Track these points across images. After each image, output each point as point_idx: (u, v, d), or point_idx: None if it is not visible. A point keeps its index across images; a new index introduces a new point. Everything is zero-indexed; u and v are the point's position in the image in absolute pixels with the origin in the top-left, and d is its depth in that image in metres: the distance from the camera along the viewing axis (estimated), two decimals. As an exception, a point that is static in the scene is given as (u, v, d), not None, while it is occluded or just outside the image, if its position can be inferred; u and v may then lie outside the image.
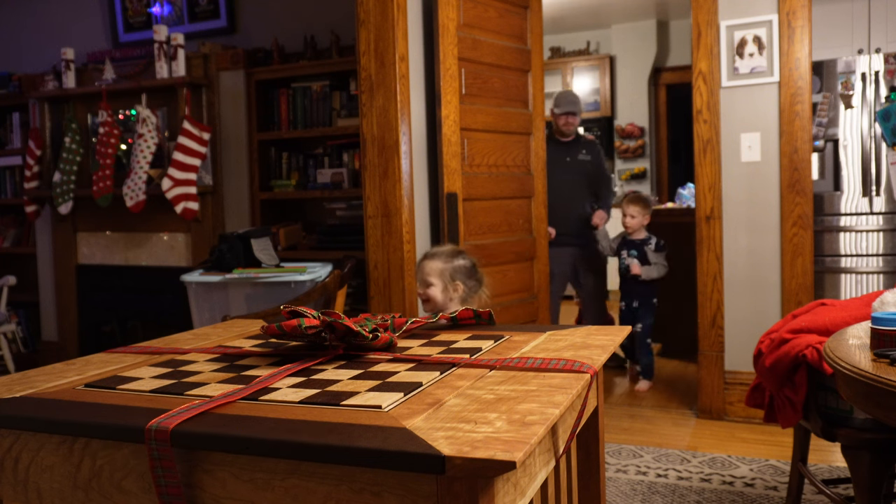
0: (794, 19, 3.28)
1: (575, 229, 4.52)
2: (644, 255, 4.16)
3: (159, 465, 0.96)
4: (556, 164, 4.40)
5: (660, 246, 4.17)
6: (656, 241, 4.17)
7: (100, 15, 5.12)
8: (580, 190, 4.53)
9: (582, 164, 4.56)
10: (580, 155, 4.57)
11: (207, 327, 1.76)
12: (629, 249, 4.22)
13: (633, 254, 4.19)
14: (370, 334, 1.32)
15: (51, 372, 1.33)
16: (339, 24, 4.32)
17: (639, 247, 4.19)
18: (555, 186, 4.33)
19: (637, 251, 4.18)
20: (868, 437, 1.88)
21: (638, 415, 3.63)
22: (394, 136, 3.26)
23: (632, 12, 7.22)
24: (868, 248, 4.13)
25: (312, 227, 4.50)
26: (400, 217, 3.28)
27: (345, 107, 4.25)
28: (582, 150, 4.56)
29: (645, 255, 4.16)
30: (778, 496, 2.56)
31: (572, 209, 4.51)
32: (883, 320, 1.51)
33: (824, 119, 4.14)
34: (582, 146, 4.59)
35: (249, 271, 3.55)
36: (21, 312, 5.18)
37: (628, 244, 4.24)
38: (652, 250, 4.15)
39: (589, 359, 1.25)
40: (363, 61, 3.30)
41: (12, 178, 5.25)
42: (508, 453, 0.81)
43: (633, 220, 4.20)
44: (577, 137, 4.58)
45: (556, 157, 4.41)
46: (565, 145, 4.54)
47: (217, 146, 4.53)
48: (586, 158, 4.56)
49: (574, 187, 4.50)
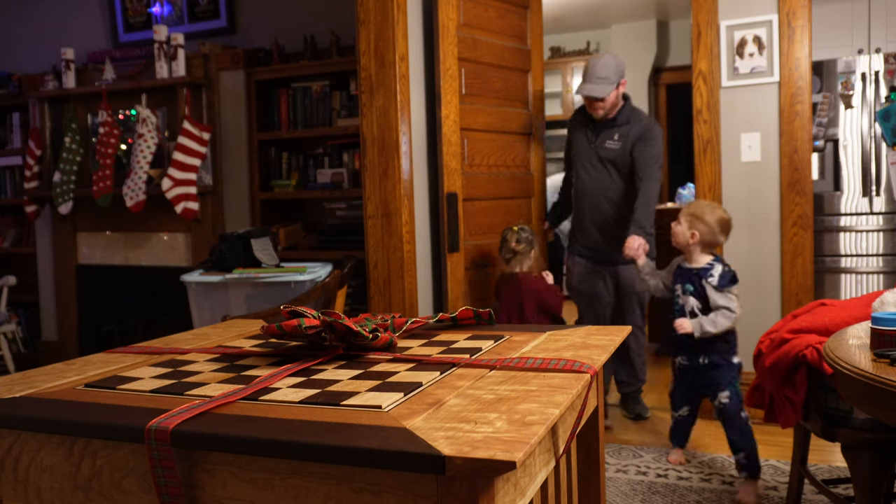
0: (794, 19, 3.28)
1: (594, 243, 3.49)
2: (702, 294, 2.71)
3: (159, 465, 0.96)
4: (579, 153, 3.52)
5: (726, 278, 2.67)
6: (722, 269, 2.69)
7: (100, 15, 5.12)
8: (602, 190, 3.43)
9: (608, 155, 3.40)
10: (609, 142, 3.40)
11: (207, 327, 1.76)
12: (683, 282, 2.77)
13: (688, 289, 2.75)
14: (370, 334, 1.32)
15: (51, 372, 1.33)
16: (339, 24, 4.32)
17: (695, 279, 2.73)
18: (576, 184, 3.55)
19: (693, 286, 2.73)
20: (868, 437, 1.88)
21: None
22: (394, 136, 3.26)
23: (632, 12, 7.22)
24: (868, 248, 4.13)
25: (312, 227, 4.50)
26: (400, 217, 3.28)
27: (345, 107, 4.25)
28: (613, 135, 3.40)
29: (703, 294, 2.71)
30: (778, 496, 2.56)
31: (589, 216, 3.48)
32: (883, 320, 1.51)
33: (824, 119, 4.14)
34: (617, 128, 3.39)
35: (249, 271, 3.55)
36: (21, 312, 5.18)
37: (683, 274, 2.79)
38: (713, 286, 2.67)
39: (589, 359, 1.25)
40: (363, 61, 3.30)
41: (12, 178, 5.25)
42: (508, 453, 0.81)
43: (678, 226, 2.78)
44: (617, 116, 3.40)
45: (580, 143, 3.51)
46: (595, 126, 3.45)
47: (217, 146, 4.53)
48: (615, 146, 3.39)
49: (594, 186, 3.45)
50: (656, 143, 3.36)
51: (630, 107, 3.43)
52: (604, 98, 3.31)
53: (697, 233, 2.72)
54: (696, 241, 2.72)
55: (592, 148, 3.46)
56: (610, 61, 3.33)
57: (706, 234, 2.71)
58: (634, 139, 3.35)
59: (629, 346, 3.55)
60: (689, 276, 2.75)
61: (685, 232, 2.74)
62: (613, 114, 3.40)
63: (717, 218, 2.72)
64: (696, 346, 2.71)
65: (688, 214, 2.75)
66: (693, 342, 2.70)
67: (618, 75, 3.33)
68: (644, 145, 3.34)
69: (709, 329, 2.64)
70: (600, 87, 3.30)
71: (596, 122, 3.44)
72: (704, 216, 2.72)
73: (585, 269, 3.56)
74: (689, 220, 2.73)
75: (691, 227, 2.72)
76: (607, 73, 3.31)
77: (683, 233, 2.75)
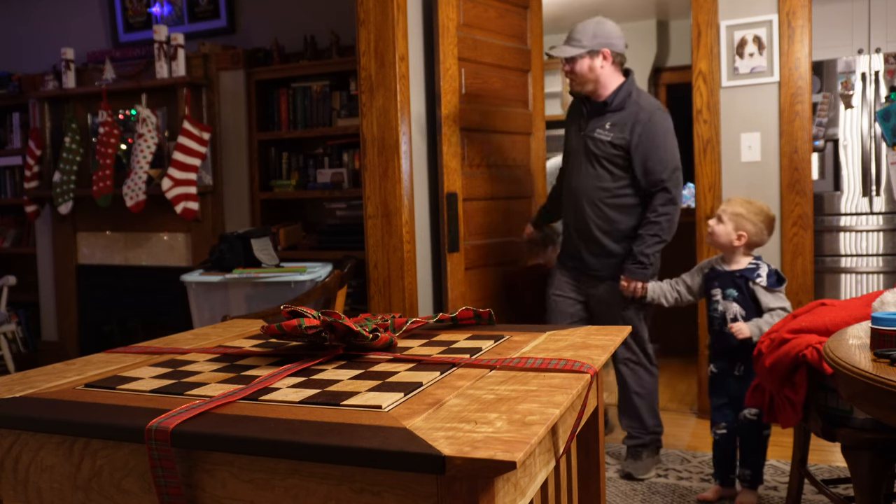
0: (794, 19, 3.28)
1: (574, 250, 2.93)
2: (749, 297, 2.51)
3: (159, 465, 0.96)
4: (568, 144, 3.02)
5: (774, 277, 2.50)
6: (768, 268, 2.52)
7: (100, 15, 5.12)
8: (586, 190, 2.84)
9: (595, 148, 2.80)
10: (598, 131, 2.79)
11: (207, 327, 1.76)
12: (724, 287, 2.55)
13: (730, 294, 2.53)
14: (370, 334, 1.32)
15: (51, 372, 1.33)
16: (339, 24, 4.32)
17: (739, 282, 2.53)
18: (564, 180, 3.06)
19: (737, 290, 2.52)
20: (868, 437, 1.88)
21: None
22: (394, 136, 3.26)
23: (632, 12, 7.22)
24: (868, 248, 4.13)
25: (312, 227, 4.50)
26: (400, 217, 3.28)
27: (345, 107, 4.25)
28: (605, 124, 2.79)
29: (751, 297, 2.51)
30: (778, 496, 2.56)
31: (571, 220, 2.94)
32: (883, 320, 1.51)
33: (824, 119, 4.14)
34: (609, 115, 2.79)
35: (249, 271, 3.54)
36: (21, 312, 5.18)
37: (721, 277, 2.57)
38: (763, 287, 2.49)
39: (589, 359, 1.24)
40: (363, 61, 3.30)
41: (12, 178, 5.25)
42: (509, 453, 0.81)
43: (720, 225, 2.55)
44: (610, 100, 2.79)
45: (571, 133, 3.00)
46: (588, 111, 2.87)
47: (217, 146, 4.53)
48: (604, 137, 2.77)
49: (577, 184, 2.87)
50: (666, 141, 2.73)
51: (628, 89, 2.80)
52: (569, 60, 2.78)
53: (745, 233, 2.50)
54: (744, 242, 2.50)
55: (581, 138, 2.87)
56: (589, 24, 2.82)
57: (754, 234, 2.50)
58: (633, 133, 2.73)
59: (628, 385, 2.91)
60: (732, 279, 2.53)
61: (730, 233, 2.51)
62: (605, 95, 2.79)
63: (764, 216, 2.52)
64: (738, 352, 2.49)
65: (733, 213, 2.51)
66: (735, 348, 2.49)
67: (594, 41, 2.76)
68: (649, 145, 2.71)
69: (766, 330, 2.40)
70: (565, 48, 2.80)
71: (589, 108, 2.86)
72: (752, 215, 2.50)
73: (563, 282, 2.99)
74: (736, 219, 2.50)
75: (738, 228, 2.50)
76: (581, 35, 2.78)
77: (728, 233, 2.51)
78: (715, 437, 2.60)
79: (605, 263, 2.84)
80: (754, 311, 2.50)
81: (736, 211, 2.52)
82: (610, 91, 2.79)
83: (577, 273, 2.94)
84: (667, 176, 2.71)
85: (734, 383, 2.54)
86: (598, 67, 2.77)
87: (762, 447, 2.54)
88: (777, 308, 2.47)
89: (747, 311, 2.51)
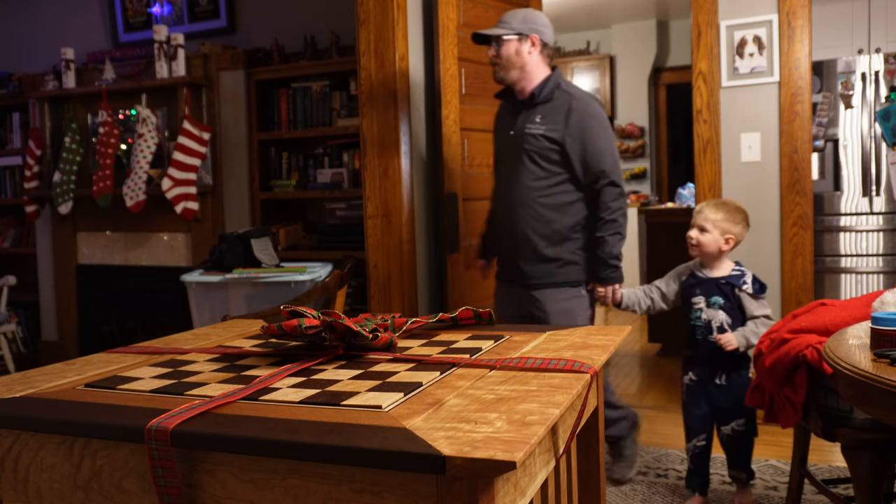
0: (794, 19, 3.28)
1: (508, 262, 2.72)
2: (735, 305, 2.45)
3: (159, 465, 0.96)
4: (496, 145, 2.82)
5: (758, 283, 2.46)
6: (753, 277, 2.47)
7: (100, 15, 5.12)
8: (518, 191, 2.61)
9: (526, 144, 2.59)
10: (528, 125, 2.59)
11: (207, 327, 1.76)
12: (708, 294, 2.47)
13: (716, 302, 2.46)
14: (370, 334, 1.32)
15: (51, 372, 1.33)
16: (339, 24, 4.32)
17: (725, 289, 2.46)
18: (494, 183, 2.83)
19: (723, 297, 2.46)
20: (868, 437, 1.88)
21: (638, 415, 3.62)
22: (394, 136, 3.26)
23: (632, 12, 7.22)
24: (868, 248, 4.13)
25: (312, 227, 4.50)
26: (400, 217, 3.28)
27: (345, 107, 4.25)
28: (534, 118, 2.59)
29: (737, 305, 2.45)
30: (778, 496, 2.56)
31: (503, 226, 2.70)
32: (883, 320, 1.50)
33: (824, 119, 4.14)
34: (537, 108, 2.60)
35: (249, 271, 3.55)
36: (21, 312, 5.18)
37: (704, 284, 2.49)
38: (749, 294, 2.44)
39: (589, 359, 1.24)
40: (363, 61, 3.30)
41: (12, 178, 5.25)
42: (508, 453, 0.81)
43: (706, 234, 2.47)
44: (537, 92, 2.59)
45: (499, 132, 2.81)
46: (515, 107, 2.69)
47: (217, 146, 4.53)
48: (535, 131, 2.57)
49: (508, 185, 2.66)
50: (601, 128, 2.55)
51: (556, 80, 2.61)
52: (494, 40, 2.58)
53: (733, 236, 2.46)
54: (732, 246, 2.46)
55: (510, 138, 2.66)
56: (520, 11, 2.64)
57: (740, 234, 2.48)
58: (566, 124, 2.53)
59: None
60: (717, 286, 2.45)
61: (718, 240, 2.44)
62: (531, 87, 2.60)
63: (743, 215, 2.49)
64: (717, 361, 2.43)
65: (716, 221, 2.45)
66: (714, 357, 2.43)
67: (524, 25, 2.58)
68: (585, 135, 2.52)
69: (753, 342, 2.37)
70: (493, 29, 2.61)
71: (516, 104, 2.67)
72: (733, 216, 2.46)
73: (502, 300, 2.77)
74: (720, 225, 2.44)
75: (725, 233, 2.44)
76: (510, 19, 2.60)
77: (716, 241, 2.45)
78: (694, 450, 2.51)
79: (541, 271, 2.60)
80: (740, 318, 2.44)
81: (717, 218, 2.45)
82: (536, 83, 2.61)
83: (514, 286, 2.69)
84: (608, 167, 2.53)
85: (715, 392, 2.46)
86: (526, 53, 2.58)
87: (751, 449, 2.51)
88: (761, 316, 2.41)
89: (734, 319, 2.43)
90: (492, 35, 2.59)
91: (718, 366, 2.45)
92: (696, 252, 2.51)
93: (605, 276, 2.56)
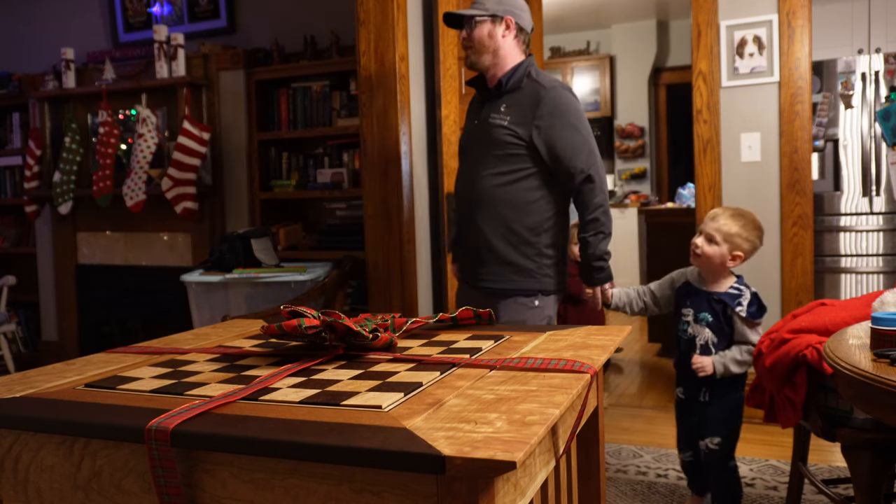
0: (794, 19, 3.28)
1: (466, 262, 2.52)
2: (726, 324, 2.25)
3: (159, 465, 0.96)
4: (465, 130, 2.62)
5: (755, 306, 2.24)
6: (751, 295, 2.25)
7: (100, 15, 5.12)
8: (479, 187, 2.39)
9: (491, 135, 2.37)
10: (493, 115, 2.38)
11: (207, 327, 1.76)
12: (697, 308, 2.28)
13: (703, 318, 2.26)
14: (370, 334, 1.32)
15: (51, 372, 1.33)
16: (339, 24, 4.32)
17: (716, 307, 2.26)
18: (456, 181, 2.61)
19: (712, 314, 2.26)
20: (868, 437, 1.88)
21: (638, 415, 3.63)
22: (394, 136, 3.26)
23: (632, 12, 7.22)
24: (868, 248, 4.13)
25: (312, 227, 4.50)
26: (400, 217, 3.28)
27: (345, 107, 4.25)
28: (500, 107, 2.38)
29: (728, 324, 2.25)
30: (778, 496, 2.56)
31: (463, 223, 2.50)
32: (883, 320, 1.51)
33: (824, 119, 4.14)
34: (504, 97, 2.39)
35: (249, 271, 3.55)
36: (21, 312, 5.18)
37: (696, 296, 2.30)
38: (742, 318, 2.23)
39: (589, 359, 1.25)
40: (363, 61, 3.30)
41: (12, 178, 5.25)
42: (509, 453, 0.81)
43: (714, 247, 2.25)
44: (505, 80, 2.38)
45: (468, 117, 2.60)
46: (484, 96, 2.49)
47: (217, 146, 4.53)
48: (500, 121, 2.36)
49: (470, 180, 2.44)
50: (573, 120, 2.31)
51: (527, 68, 2.40)
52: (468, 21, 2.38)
53: (742, 254, 2.24)
54: (738, 263, 2.25)
55: (474, 126, 2.47)
56: None
57: (750, 252, 2.26)
58: (535, 115, 2.31)
59: None
60: (709, 302, 2.26)
61: (725, 254, 2.23)
62: (500, 73, 2.40)
63: (759, 232, 2.27)
64: (701, 378, 2.28)
65: (728, 234, 2.23)
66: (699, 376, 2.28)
67: (499, 6, 2.39)
68: (554, 129, 2.29)
69: (734, 371, 2.22)
70: (467, 10, 2.40)
71: (486, 92, 2.47)
72: (747, 232, 2.24)
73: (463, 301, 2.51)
74: (732, 240, 2.22)
75: (735, 249, 2.23)
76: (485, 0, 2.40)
77: (722, 255, 2.23)
78: (683, 462, 2.47)
79: (495, 274, 2.38)
80: (729, 338, 2.25)
81: (731, 231, 2.24)
82: (506, 70, 2.40)
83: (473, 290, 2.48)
84: (583, 161, 2.29)
85: (700, 408, 2.34)
86: (500, 36, 2.38)
87: (734, 482, 2.32)
88: (750, 344, 2.22)
89: (720, 338, 2.26)
90: (465, 15, 2.38)
91: (703, 383, 2.30)
92: (697, 262, 2.31)
93: (592, 278, 2.38)
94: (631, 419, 3.56)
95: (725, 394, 2.30)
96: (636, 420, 3.55)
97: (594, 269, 2.36)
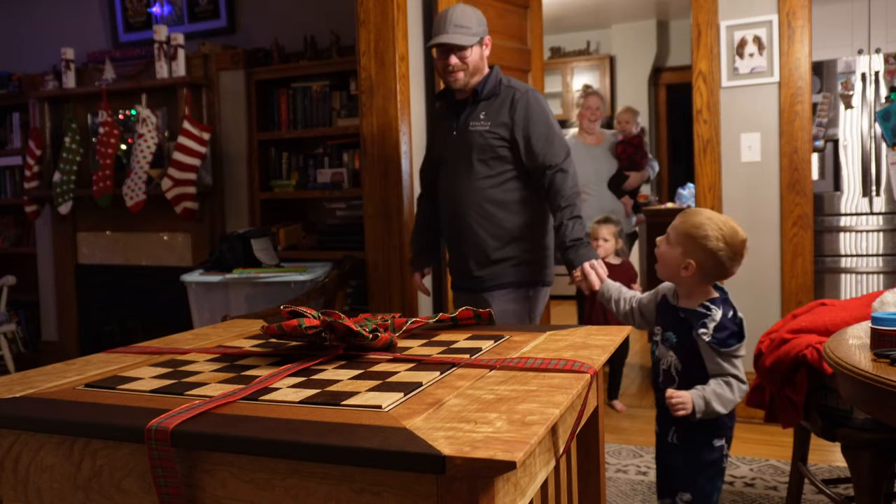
0: (794, 19, 3.28)
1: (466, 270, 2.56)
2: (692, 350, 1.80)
3: (159, 465, 0.96)
4: (441, 149, 2.65)
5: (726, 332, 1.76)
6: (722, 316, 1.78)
7: (100, 15, 5.12)
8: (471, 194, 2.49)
9: (474, 142, 2.48)
10: (473, 123, 2.49)
11: (207, 327, 1.76)
12: (664, 326, 1.88)
13: (669, 339, 1.85)
14: (370, 334, 1.32)
15: (51, 372, 1.33)
16: (339, 24, 4.32)
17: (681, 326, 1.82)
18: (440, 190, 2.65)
19: (676, 335, 1.83)
20: (868, 437, 1.88)
21: (638, 415, 3.63)
22: (394, 136, 3.26)
23: (632, 12, 7.22)
24: (868, 248, 4.13)
25: (312, 227, 4.50)
26: (400, 217, 3.28)
27: (345, 107, 4.25)
28: (479, 114, 2.49)
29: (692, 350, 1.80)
30: (778, 496, 2.56)
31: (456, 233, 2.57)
32: (883, 320, 1.51)
33: (824, 119, 4.14)
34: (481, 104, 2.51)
35: (249, 271, 3.55)
36: (21, 312, 5.18)
37: (667, 313, 1.89)
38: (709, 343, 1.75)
39: (589, 359, 1.25)
40: (363, 61, 3.30)
41: (12, 178, 5.25)
42: (508, 453, 0.81)
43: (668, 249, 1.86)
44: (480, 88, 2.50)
45: (441, 135, 2.66)
46: (457, 107, 2.58)
47: (217, 146, 4.53)
48: (480, 128, 2.47)
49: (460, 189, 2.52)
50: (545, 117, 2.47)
51: (498, 76, 2.53)
52: (465, 49, 2.43)
53: (694, 263, 1.77)
54: (691, 274, 1.79)
55: (453, 139, 2.55)
56: (468, 10, 2.48)
57: (707, 265, 1.77)
58: (512, 117, 2.45)
59: None
60: (674, 319, 1.83)
61: (677, 258, 1.80)
62: (473, 83, 2.50)
63: (726, 243, 1.76)
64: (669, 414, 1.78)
65: (683, 234, 1.81)
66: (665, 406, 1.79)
67: (481, 28, 2.49)
68: (530, 126, 2.44)
69: (718, 410, 1.73)
70: (460, 36, 2.43)
71: (456, 104, 2.56)
72: (706, 240, 1.76)
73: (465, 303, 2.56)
74: (685, 242, 1.80)
75: (687, 255, 1.79)
76: (468, 21, 2.45)
77: (675, 258, 1.81)
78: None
79: (492, 272, 2.49)
80: (699, 367, 1.78)
81: (688, 231, 1.80)
82: (479, 80, 2.52)
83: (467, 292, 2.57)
84: (556, 154, 2.43)
85: (670, 452, 1.87)
86: (485, 56, 2.53)
87: None
88: (729, 375, 1.75)
89: (686, 366, 1.80)
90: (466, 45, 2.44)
91: (671, 421, 1.82)
92: (657, 268, 1.90)
93: (574, 256, 2.32)
94: (631, 419, 3.57)
95: (696, 439, 1.82)
96: (636, 420, 3.55)
97: (572, 248, 2.34)
